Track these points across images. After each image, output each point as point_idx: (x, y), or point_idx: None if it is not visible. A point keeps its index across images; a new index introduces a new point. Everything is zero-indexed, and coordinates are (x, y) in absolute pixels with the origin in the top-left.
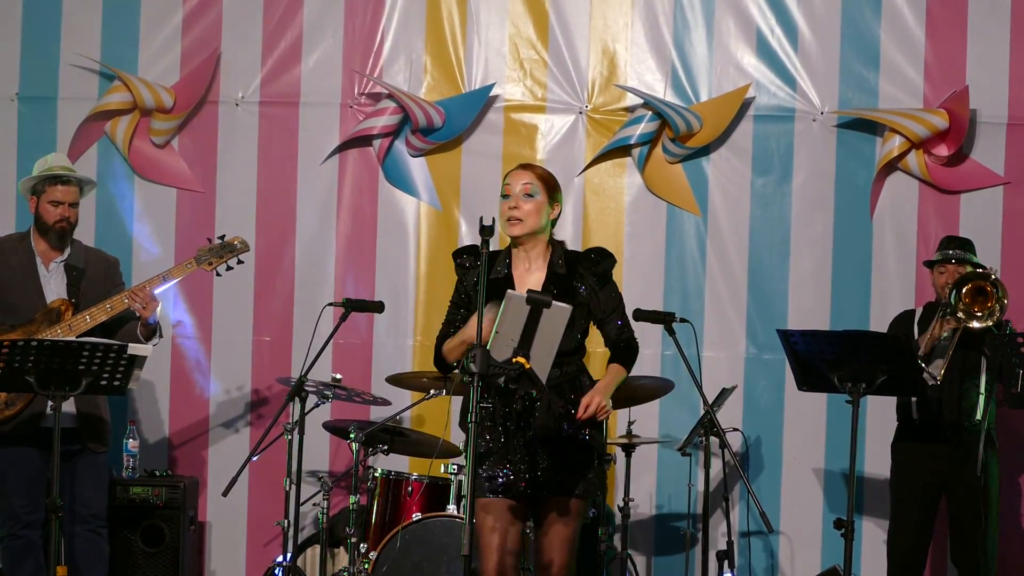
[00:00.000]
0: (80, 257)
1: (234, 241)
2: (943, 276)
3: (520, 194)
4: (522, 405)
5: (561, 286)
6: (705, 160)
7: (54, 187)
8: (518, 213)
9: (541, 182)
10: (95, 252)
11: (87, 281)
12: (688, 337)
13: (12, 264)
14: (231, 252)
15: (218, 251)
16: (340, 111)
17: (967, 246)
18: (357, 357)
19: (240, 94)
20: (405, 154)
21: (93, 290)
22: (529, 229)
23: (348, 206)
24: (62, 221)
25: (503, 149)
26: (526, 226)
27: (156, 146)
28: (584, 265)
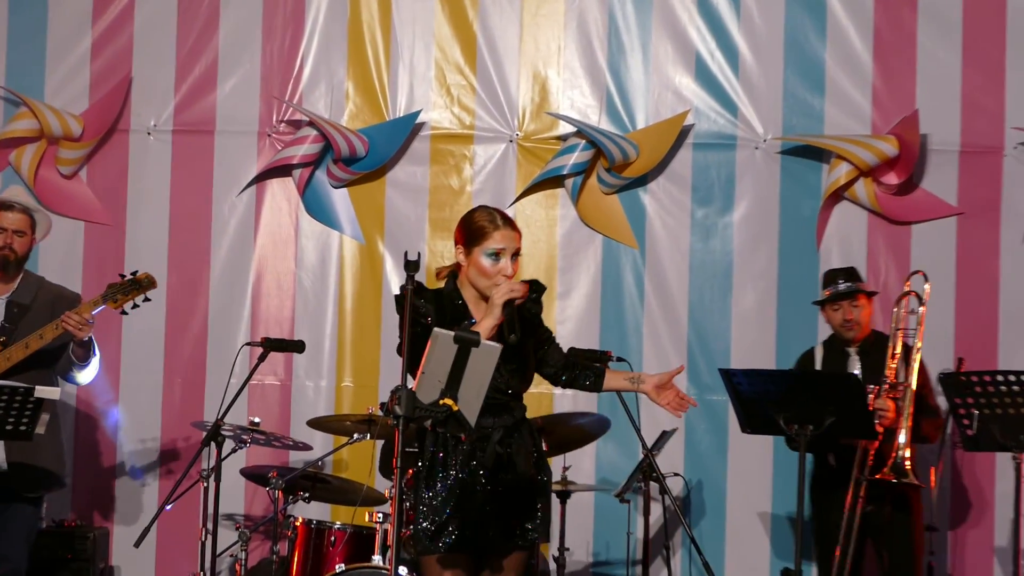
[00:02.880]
0: (29, 292)
1: (141, 278)
2: (838, 313)
3: (509, 258)
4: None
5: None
6: (642, 190)
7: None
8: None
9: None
10: (51, 288)
11: (30, 316)
12: None
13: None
14: (137, 289)
15: (125, 287)
16: (258, 139)
17: (858, 276)
18: (276, 399)
19: (152, 122)
20: (327, 185)
21: (35, 325)
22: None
23: (266, 240)
24: (3, 249)
25: (430, 179)
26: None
27: (63, 176)
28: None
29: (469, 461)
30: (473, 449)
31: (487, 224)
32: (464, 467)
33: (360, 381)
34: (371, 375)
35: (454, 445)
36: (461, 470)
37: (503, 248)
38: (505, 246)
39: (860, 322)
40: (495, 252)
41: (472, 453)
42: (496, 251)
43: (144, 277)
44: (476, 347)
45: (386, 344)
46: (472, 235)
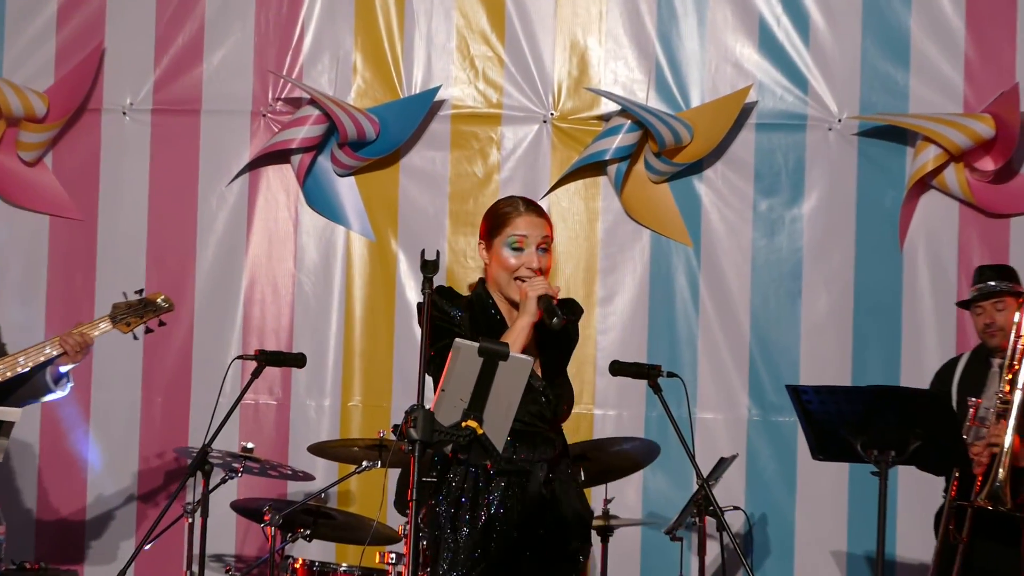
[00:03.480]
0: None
1: (156, 298)
2: (982, 317)
3: (536, 248)
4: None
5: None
6: (697, 178)
7: None
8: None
9: (551, 231)
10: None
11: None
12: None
13: None
14: (153, 312)
15: (137, 309)
16: (251, 120)
17: (1009, 275)
18: (272, 422)
19: (128, 100)
20: (331, 173)
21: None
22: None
23: (261, 237)
24: None
25: (450, 166)
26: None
27: (25, 163)
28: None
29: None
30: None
31: (509, 209)
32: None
33: (370, 400)
34: (383, 393)
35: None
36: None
37: (525, 236)
38: (528, 233)
39: (1004, 328)
40: (517, 241)
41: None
42: (518, 239)
43: (161, 298)
44: (504, 360)
45: (399, 357)
46: (493, 224)
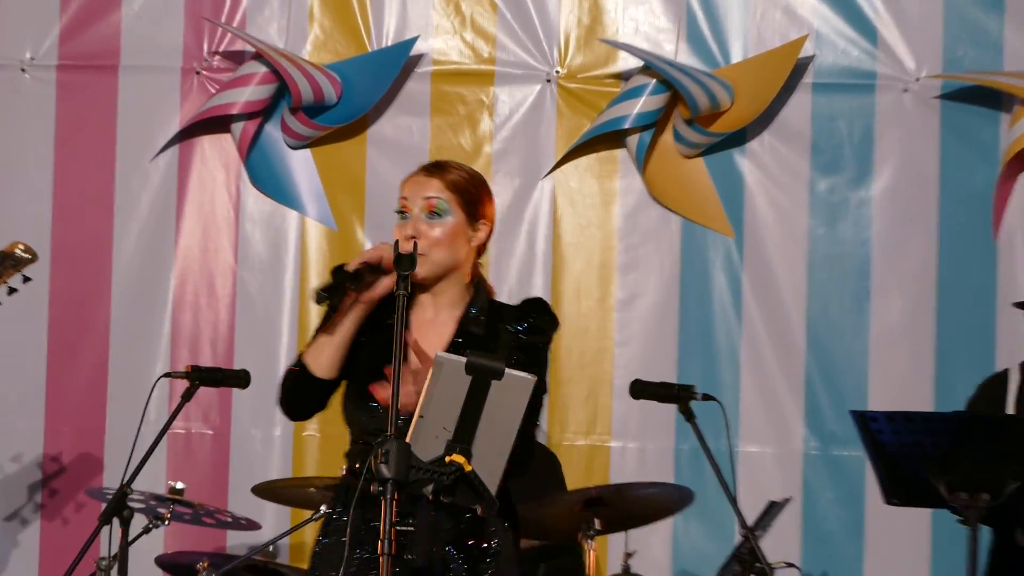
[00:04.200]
0: None
1: (14, 249)
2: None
3: (422, 213)
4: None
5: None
6: (739, 152)
7: None
8: (421, 244)
9: (454, 192)
10: None
11: None
12: (715, 423)
13: None
14: (14, 266)
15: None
16: (182, 79)
17: None
18: (208, 456)
19: (28, 54)
20: (281, 144)
21: None
22: (437, 268)
23: (194, 224)
24: None
25: (431, 137)
26: (431, 264)
27: None
28: (507, 319)
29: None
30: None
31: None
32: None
33: (330, 429)
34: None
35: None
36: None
37: (406, 198)
38: (409, 196)
39: None
40: (401, 207)
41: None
42: (401, 205)
43: (20, 248)
44: (499, 379)
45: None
46: None
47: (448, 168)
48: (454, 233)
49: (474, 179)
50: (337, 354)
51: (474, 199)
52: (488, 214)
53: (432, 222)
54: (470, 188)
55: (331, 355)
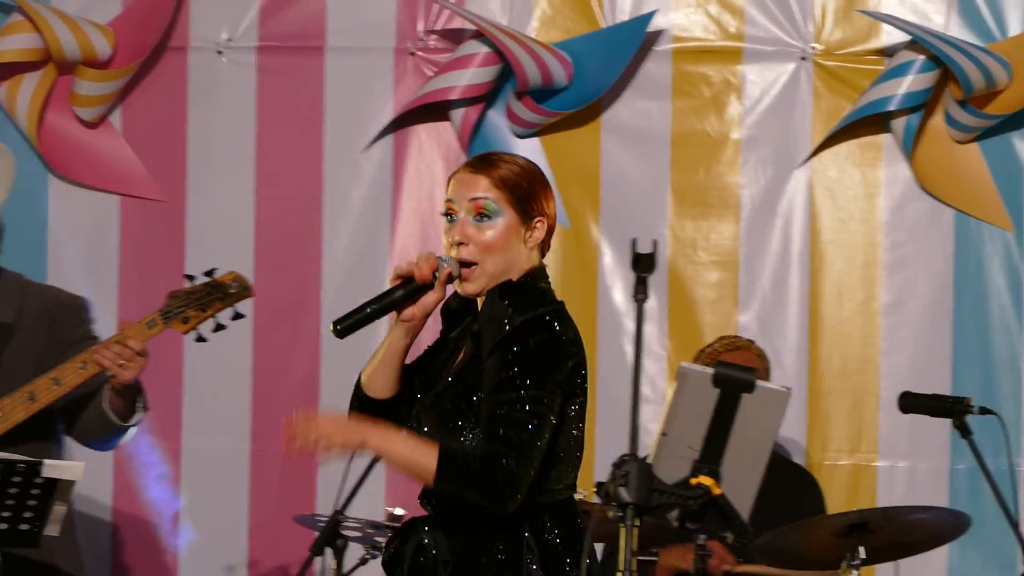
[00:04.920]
0: (7, 304)
1: (226, 280)
2: None
3: (468, 216)
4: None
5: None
6: (1019, 136)
7: None
8: (467, 252)
9: (504, 189)
10: (42, 292)
11: (17, 344)
12: (995, 440)
13: None
14: (223, 299)
15: (200, 298)
16: (395, 61)
17: None
18: None
19: (225, 35)
20: (507, 132)
21: (27, 356)
22: (491, 279)
23: (411, 221)
24: None
25: (672, 122)
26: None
27: (84, 123)
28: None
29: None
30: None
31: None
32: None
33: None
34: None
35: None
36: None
37: (451, 200)
38: (454, 196)
39: None
40: (447, 210)
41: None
42: (447, 207)
43: (232, 279)
44: (749, 392)
45: (604, 385)
46: None
47: (496, 162)
48: (507, 235)
49: (527, 172)
50: (387, 374)
51: (527, 195)
52: (546, 210)
53: (481, 225)
54: (522, 183)
55: (381, 376)
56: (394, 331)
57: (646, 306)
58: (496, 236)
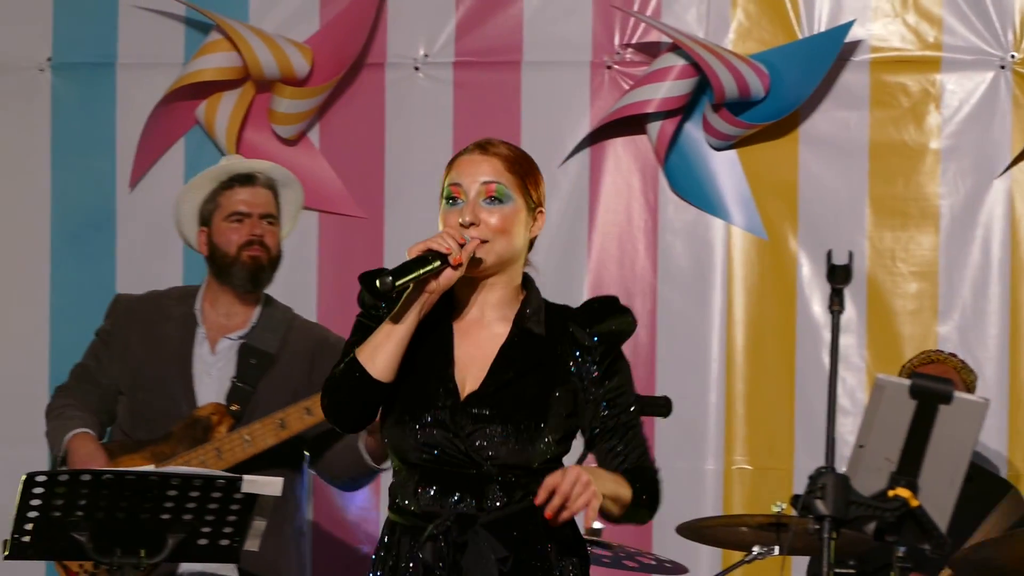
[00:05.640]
0: (274, 333)
1: None
2: None
3: (479, 198)
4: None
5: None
6: None
7: (231, 191)
8: (478, 232)
9: (515, 175)
10: (308, 328)
11: (276, 374)
12: None
13: (158, 337)
14: None
15: None
16: (591, 75)
17: None
18: None
19: (422, 51)
20: (703, 145)
21: (284, 387)
22: (497, 260)
23: (607, 235)
24: (252, 245)
25: (870, 131)
26: (493, 254)
27: (282, 141)
28: (579, 321)
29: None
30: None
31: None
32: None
33: (762, 460)
34: (780, 451)
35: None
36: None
37: (459, 183)
38: (462, 180)
39: None
40: (451, 191)
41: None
42: (452, 189)
43: None
44: (947, 403)
45: (803, 399)
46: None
47: (504, 148)
48: (516, 219)
49: (531, 161)
50: (396, 351)
51: (534, 183)
52: (544, 202)
53: (492, 208)
54: (530, 171)
55: (389, 352)
56: (414, 306)
57: (844, 317)
58: (505, 219)
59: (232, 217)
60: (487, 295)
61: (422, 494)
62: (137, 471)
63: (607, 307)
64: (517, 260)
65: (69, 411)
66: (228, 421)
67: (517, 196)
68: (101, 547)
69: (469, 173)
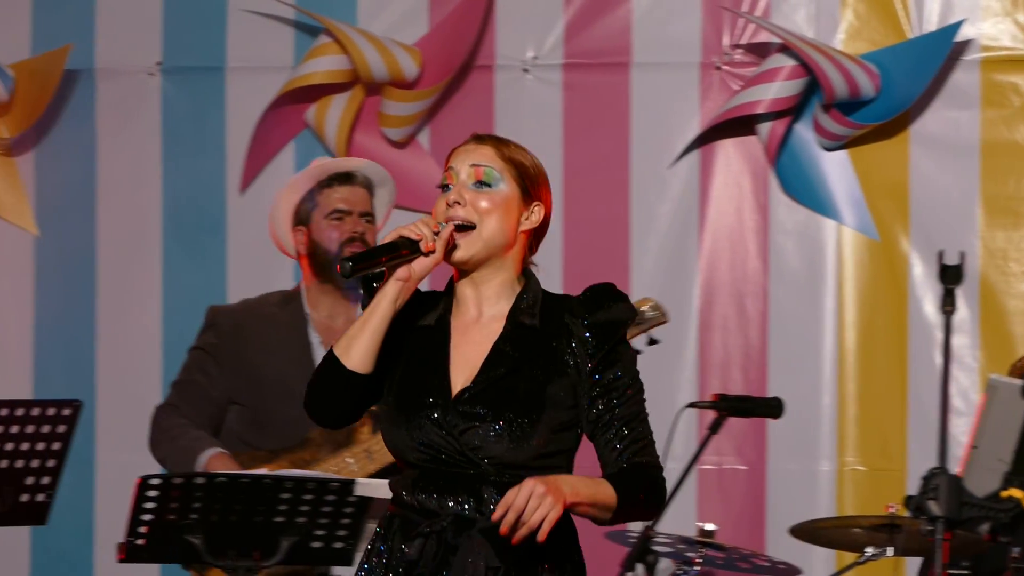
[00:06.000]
0: None
1: (642, 307)
2: None
3: (468, 182)
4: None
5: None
6: None
7: (331, 190)
8: (462, 213)
9: (507, 162)
10: None
11: None
12: None
13: (272, 343)
14: (639, 324)
15: None
16: (700, 75)
17: None
18: (741, 494)
19: (531, 53)
20: (814, 146)
21: None
22: (486, 245)
23: (719, 237)
24: (353, 242)
25: (981, 131)
26: (480, 240)
27: (392, 143)
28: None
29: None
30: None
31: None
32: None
33: (876, 462)
34: (893, 451)
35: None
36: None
37: (452, 168)
38: (454, 164)
39: None
40: (445, 178)
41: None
42: (445, 176)
43: (648, 305)
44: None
45: (916, 399)
46: None
47: (503, 139)
48: (506, 205)
49: (533, 158)
50: (370, 341)
51: (531, 175)
52: (545, 200)
53: (479, 191)
54: (526, 163)
55: (364, 343)
56: (386, 294)
57: (957, 318)
58: (494, 202)
59: (333, 215)
60: (483, 290)
61: (421, 493)
62: (251, 474)
63: (602, 295)
64: (509, 249)
65: (190, 431)
66: (369, 421)
67: (508, 181)
68: (215, 550)
69: (461, 159)
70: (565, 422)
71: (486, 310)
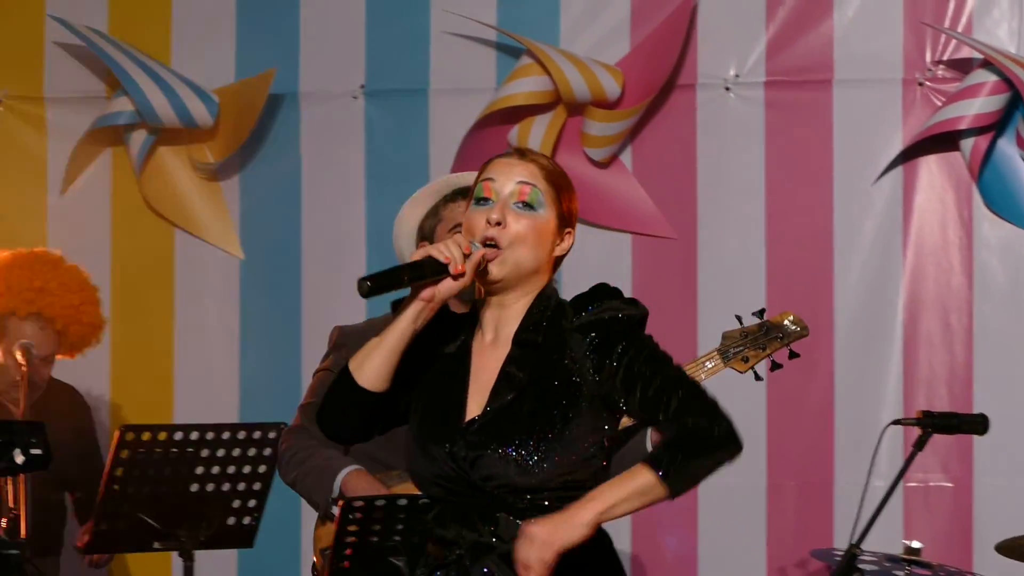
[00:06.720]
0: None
1: (782, 321)
2: None
3: (511, 199)
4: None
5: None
6: None
7: (454, 204)
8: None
9: (551, 185)
10: None
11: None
12: None
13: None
14: (781, 339)
15: (758, 338)
16: (903, 92)
17: None
18: (947, 511)
19: (733, 71)
20: (1016, 161)
21: None
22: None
23: (924, 253)
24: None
25: None
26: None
27: (595, 163)
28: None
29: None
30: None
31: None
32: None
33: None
34: None
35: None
36: None
37: (492, 179)
38: (497, 177)
39: None
40: (482, 190)
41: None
42: (483, 187)
43: (789, 319)
44: None
45: None
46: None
47: (542, 157)
48: (543, 232)
49: (565, 176)
50: (386, 361)
51: (568, 200)
52: (574, 224)
53: (521, 213)
54: (566, 186)
55: (378, 361)
56: (406, 314)
57: None
58: (533, 228)
59: (456, 229)
60: (506, 313)
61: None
62: None
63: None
64: (536, 276)
65: (321, 451)
66: None
67: (549, 207)
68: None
69: (505, 172)
70: (581, 434)
71: (504, 332)
